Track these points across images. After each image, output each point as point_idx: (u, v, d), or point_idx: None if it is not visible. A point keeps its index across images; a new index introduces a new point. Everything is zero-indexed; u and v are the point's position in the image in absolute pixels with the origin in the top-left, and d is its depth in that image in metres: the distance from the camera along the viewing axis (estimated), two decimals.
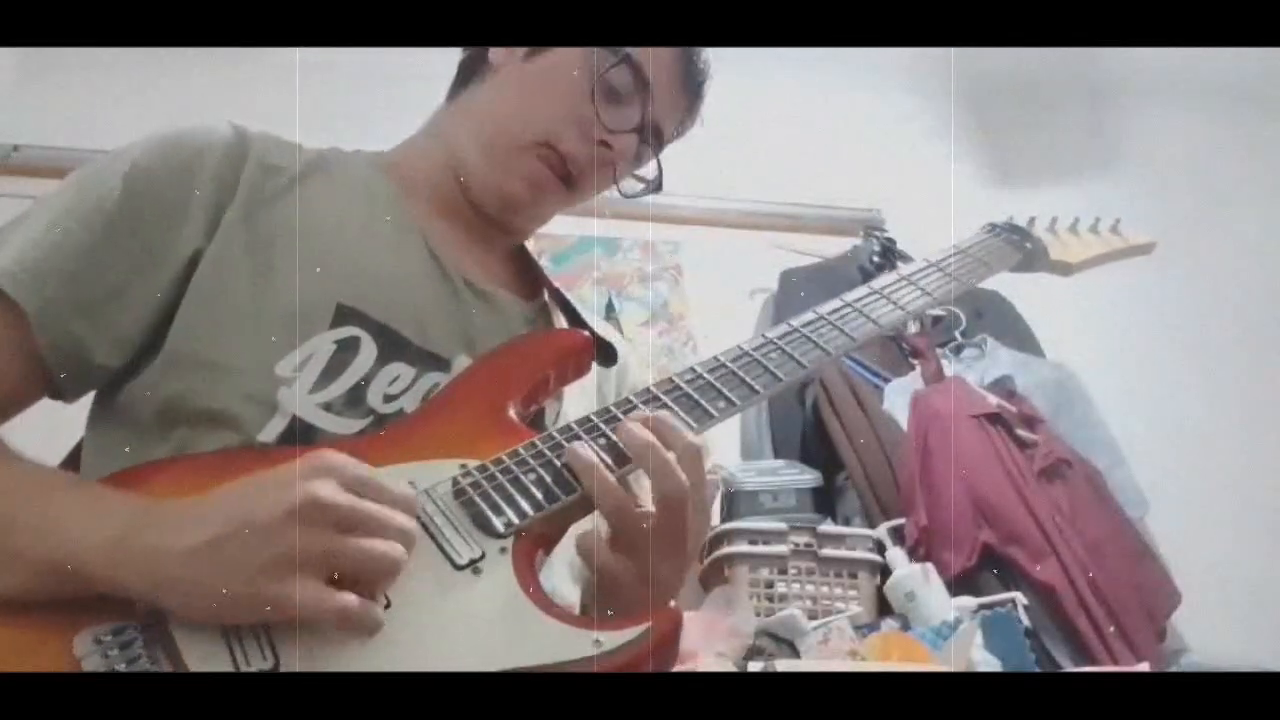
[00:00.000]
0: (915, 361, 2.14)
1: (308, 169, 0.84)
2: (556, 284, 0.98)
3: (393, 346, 0.78)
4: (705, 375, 0.77)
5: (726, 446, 2.16)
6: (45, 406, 0.76)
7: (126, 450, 0.73)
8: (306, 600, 0.56)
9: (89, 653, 0.57)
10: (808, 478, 1.94)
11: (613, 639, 0.60)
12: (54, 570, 0.59)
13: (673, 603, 0.67)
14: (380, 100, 0.95)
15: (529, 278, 0.97)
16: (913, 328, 2.21)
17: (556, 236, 2.28)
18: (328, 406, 0.74)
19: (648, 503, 0.68)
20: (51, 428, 0.81)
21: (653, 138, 0.92)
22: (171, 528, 0.59)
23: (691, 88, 0.93)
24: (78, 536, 0.60)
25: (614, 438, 0.70)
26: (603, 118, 0.86)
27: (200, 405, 0.72)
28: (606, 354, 0.88)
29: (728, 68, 0.97)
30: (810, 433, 2.08)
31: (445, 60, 0.98)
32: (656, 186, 0.97)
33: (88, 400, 0.79)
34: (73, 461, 0.81)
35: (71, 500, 0.64)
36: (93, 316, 0.73)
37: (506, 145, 0.87)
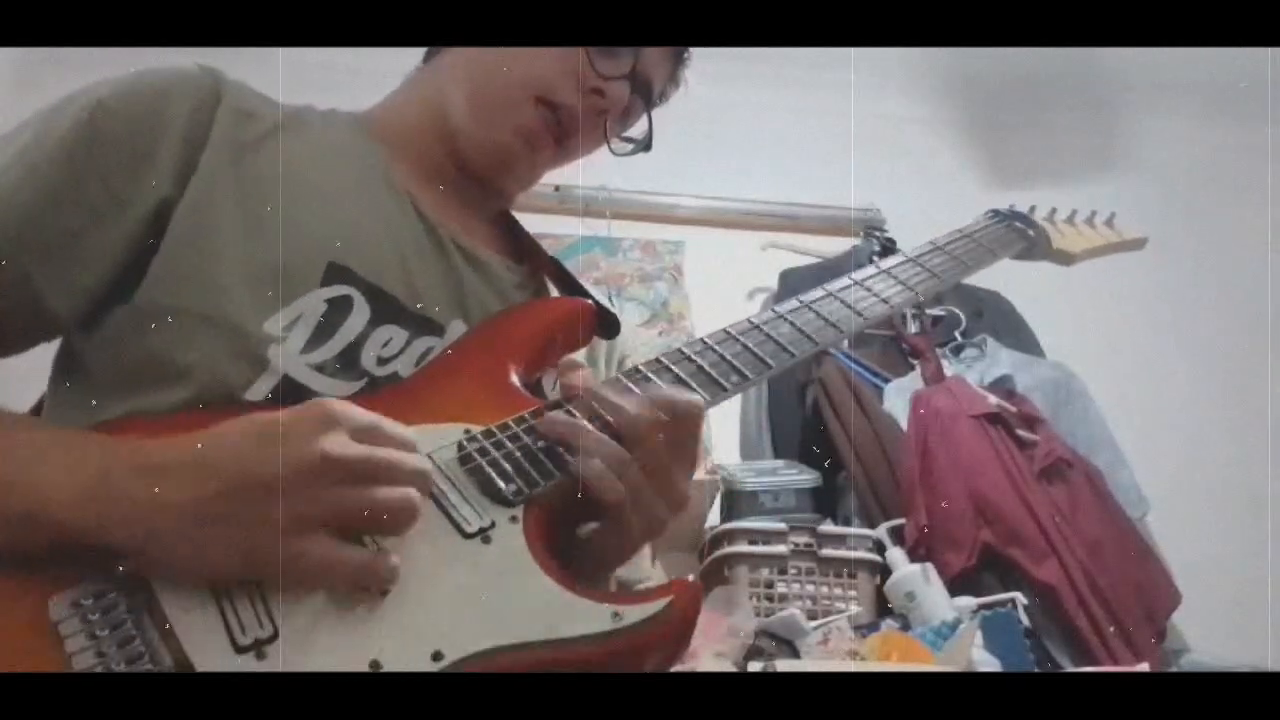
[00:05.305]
0: (915, 361, 2.14)
1: (284, 121, 0.80)
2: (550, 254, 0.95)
3: (385, 308, 0.76)
4: (715, 348, 0.77)
5: (727, 446, 2.17)
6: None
7: (93, 404, 0.69)
8: (321, 559, 0.56)
9: (66, 616, 0.54)
10: (808, 478, 1.94)
11: (632, 613, 0.59)
12: (25, 520, 0.56)
13: (691, 577, 0.66)
14: (372, 100, 0.95)
15: (516, 243, 0.94)
16: (913, 327, 2.21)
17: (556, 236, 2.28)
18: (320, 368, 0.72)
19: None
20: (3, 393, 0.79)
21: (642, 91, 0.89)
22: (162, 477, 0.56)
23: (677, 48, 0.92)
24: (52, 481, 0.57)
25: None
26: (594, 64, 0.84)
27: (182, 360, 0.68)
28: (607, 324, 0.87)
29: (728, 67, 0.97)
30: (810, 433, 2.08)
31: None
32: (646, 145, 0.95)
33: (45, 364, 0.76)
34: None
35: (41, 443, 0.60)
36: (51, 260, 0.69)
37: (498, 97, 0.84)
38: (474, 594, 0.60)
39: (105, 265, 0.71)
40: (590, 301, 0.84)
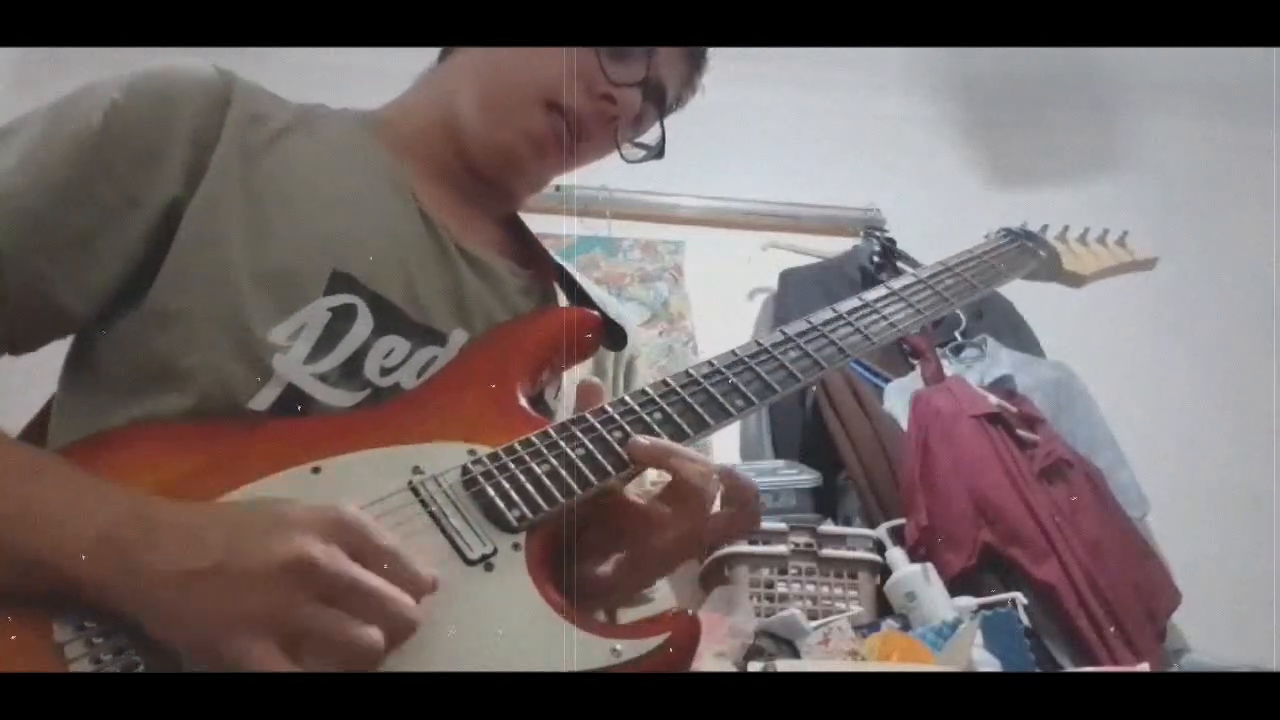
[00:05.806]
0: (915, 361, 2.14)
1: (294, 122, 0.80)
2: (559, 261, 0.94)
3: (387, 318, 0.75)
4: (723, 371, 0.76)
5: (727, 446, 2.16)
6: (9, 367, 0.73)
7: (99, 406, 0.69)
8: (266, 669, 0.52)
9: (70, 638, 0.54)
10: (808, 478, 1.94)
11: (632, 648, 0.59)
12: (29, 563, 0.55)
13: (690, 610, 0.66)
14: (379, 101, 0.94)
15: (522, 247, 0.94)
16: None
17: (556, 236, 2.28)
18: (323, 377, 0.71)
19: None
20: (15, 390, 0.79)
21: (655, 98, 0.89)
22: (159, 544, 0.55)
23: (693, 53, 0.91)
24: (57, 532, 0.56)
25: (631, 432, 0.69)
26: (606, 70, 0.83)
27: (186, 363, 0.68)
28: (613, 335, 0.86)
29: (729, 67, 0.97)
30: (810, 433, 2.08)
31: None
32: (659, 153, 0.94)
33: (56, 363, 0.76)
34: (38, 425, 0.77)
35: (54, 489, 0.59)
36: (62, 259, 0.68)
37: (508, 100, 0.84)
38: (476, 625, 0.59)
39: (118, 264, 0.71)
40: (596, 313, 0.84)
